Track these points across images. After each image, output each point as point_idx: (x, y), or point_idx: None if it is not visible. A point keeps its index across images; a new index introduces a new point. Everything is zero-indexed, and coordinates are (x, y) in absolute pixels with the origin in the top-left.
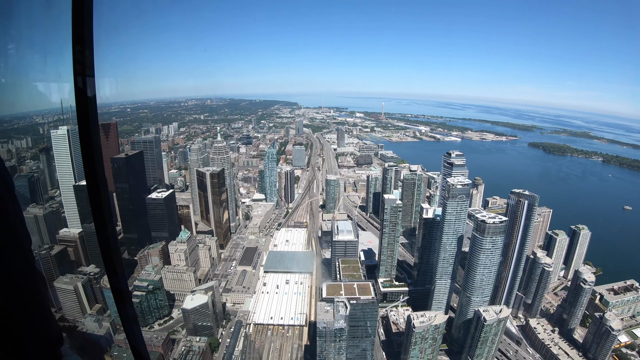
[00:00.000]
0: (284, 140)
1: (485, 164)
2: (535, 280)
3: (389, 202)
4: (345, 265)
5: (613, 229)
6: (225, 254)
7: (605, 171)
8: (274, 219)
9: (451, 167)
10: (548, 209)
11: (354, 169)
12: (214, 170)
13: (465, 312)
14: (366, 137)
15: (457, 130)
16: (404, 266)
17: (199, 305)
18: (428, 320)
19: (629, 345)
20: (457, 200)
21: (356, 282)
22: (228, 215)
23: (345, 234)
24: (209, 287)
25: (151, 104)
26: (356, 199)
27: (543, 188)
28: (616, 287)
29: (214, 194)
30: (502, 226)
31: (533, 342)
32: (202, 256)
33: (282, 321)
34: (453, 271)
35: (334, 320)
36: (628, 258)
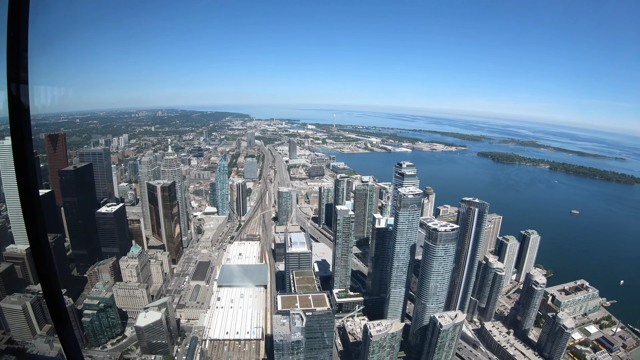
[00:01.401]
0: (235, 152)
1: (435, 173)
2: (489, 285)
3: (342, 213)
4: (300, 277)
5: (562, 233)
6: (177, 269)
7: (552, 178)
8: (227, 232)
9: (402, 178)
10: (498, 216)
11: (306, 180)
12: (165, 183)
13: (421, 319)
14: (318, 148)
15: (407, 141)
16: (358, 276)
17: (153, 323)
18: (384, 328)
19: (582, 342)
20: (409, 209)
21: (311, 294)
22: (180, 229)
23: (298, 246)
24: (162, 304)
25: (101, 114)
26: (309, 210)
27: (493, 195)
28: (567, 288)
29: (165, 208)
30: (454, 234)
31: (489, 345)
32: (154, 272)
33: (238, 336)
34: (407, 279)
35: (290, 333)
36: (577, 259)
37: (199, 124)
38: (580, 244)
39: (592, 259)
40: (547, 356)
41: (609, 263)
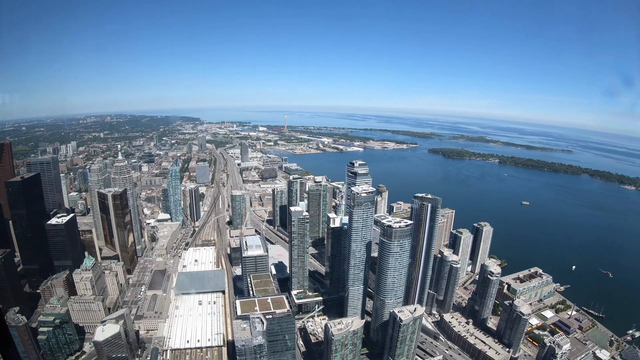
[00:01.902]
0: (187, 157)
1: (388, 171)
2: (445, 278)
3: (296, 214)
4: (257, 280)
5: (513, 223)
6: (133, 279)
7: (502, 171)
8: (181, 238)
9: (355, 176)
10: (451, 210)
11: (259, 183)
12: (116, 191)
13: (381, 315)
14: (270, 150)
15: (359, 141)
16: (316, 276)
17: (111, 336)
18: (345, 326)
19: (540, 327)
20: (363, 207)
21: (270, 297)
22: (133, 238)
23: (254, 249)
24: (119, 316)
25: (48, 121)
26: (263, 213)
27: (445, 191)
28: (522, 276)
29: (117, 217)
30: (408, 229)
31: (450, 335)
32: (109, 283)
33: (199, 344)
34: (364, 277)
35: (251, 337)
36: (530, 248)
37: (149, 129)
38: (531, 233)
39: (544, 247)
40: (507, 342)
41: (561, 250)
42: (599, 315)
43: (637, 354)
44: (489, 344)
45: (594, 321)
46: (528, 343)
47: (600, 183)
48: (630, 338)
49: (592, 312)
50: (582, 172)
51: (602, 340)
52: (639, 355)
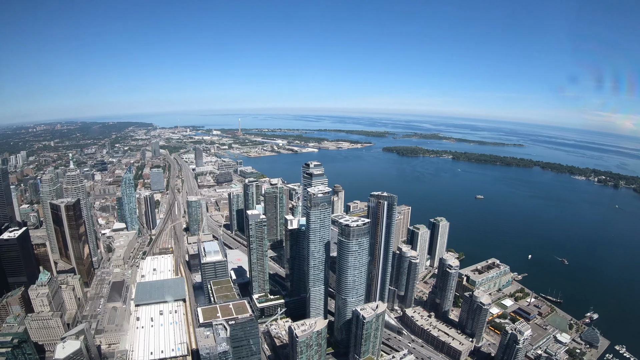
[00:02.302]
0: (140, 163)
1: (343, 171)
2: (405, 273)
3: (253, 217)
4: (218, 286)
5: (469, 217)
6: (91, 292)
7: (456, 167)
8: (138, 247)
9: (311, 177)
10: (407, 207)
11: (215, 187)
12: (69, 202)
13: (344, 314)
14: (224, 154)
15: (314, 141)
16: (277, 279)
17: (72, 353)
18: (309, 327)
19: (501, 315)
20: (320, 208)
21: (231, 302)
22: (89, 249)
23: (212, 255)
24: (79, 331)
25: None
26: (220, 218)
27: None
28: (480, 267)
29: (72, 228)
30: (366, 228)
31: (413, 330)
32: (66, 298)
33: (163, 355)
34: (325, 277)
35: (215, 344)
36: (486, 240)
37: (101, 136)
38: (487, 225)
39: (500, 238)
40: (470, 332)
41: (517, 240)
42: (557, 300)
43: (597, 335)
44: (453, 335)
45: (553, 307)
46: (490, 332)
47: (552, 175)
48: (589, 320)
49: (550, 298)
50: (533, 164)
51: (561, 324)
52: (598, 336)
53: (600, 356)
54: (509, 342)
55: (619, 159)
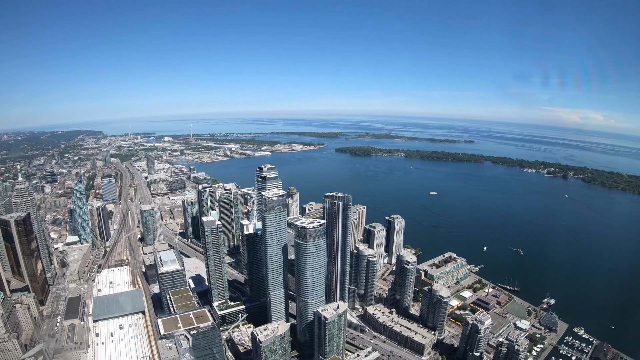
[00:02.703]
0: (91, 173)
1: (297, 173)
2: (363, 272)
3: (208, 224)
4: (177, 296)
5: (424, 213)
6: (47, 310)
7: (408, 165)
8: (93, 261)
9: (265, 181)
10: (362, 206)
11: (168, 195)
12: (19, 217)
13: (306, 316)
14: (177, 161)
15: (266, 145)
16: (236, 285)
17: None
18: (272, 332)
19: (461, 307)
20: (275, 211)
21: (191, 312)
22: (42, 265)
23: (169, 265)
24: (38, 352)
25: None
26: (175, 226)
27: (355, 188)
28: (437, 262)
29: (23, 244)
30: (322, 229)
31: (376, 327)
32: (22, 318)
33: None
34: (284, 280)
35: (178, 355)
36: (441, 235)
37: (50, 146)
38: (442, 220)
39: (456, 232)
40: (432, 326)
41: (471, 233)
42: (514, 289)
43: (555, 319)
44: (415, 330)
45: (511, 295)
46: (452, 324)
47: (503, 168)
48: (546, 305)
49: (508, 287)
50: (484, 159)
51: (520, 312)
52: (556, 320)
53: (560, 339)
54: (471, 333)
55: (566, 151)
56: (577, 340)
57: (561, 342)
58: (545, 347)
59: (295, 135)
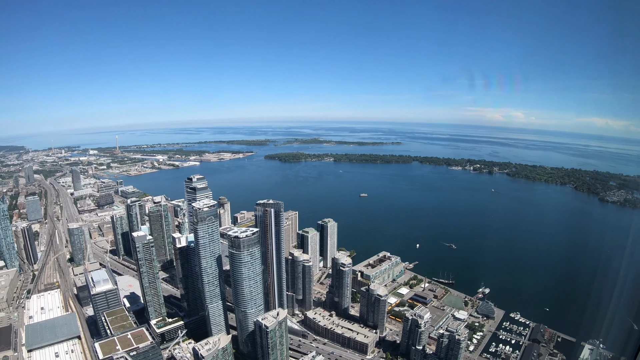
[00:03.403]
0: (14, 192)
1: (227, 182)
2: (300, 277)
3: (139, 239)
4: (112, 317)
5: (356, 215)
6: None
7: (338, 168)
8: (21, 286)
9: (194, 192)
10: (294, 212)
11: (96, 211)
12: None
13: (246, 326)
14: (104, 175)
15: (195, 155)
16: (172, 300)
17: None
18: (213, 345)
19: (399, 304)
20: (207, 222)
21: (129, 332)
22: None
23: (102, 285)
24: None
25: None
26: (105, 243)
27: (286, 194)
28: (372, 262)
29: None
30: (255, 237)
31: (317, 331)
32: None
33: None
34: (221, 291)
35: None
36: (374, 235)
37: None
38: (374, 221)
39: (388, 232)
40: (372, 325)
41: (404, 232)
42: (449, 282)
43: (491, 307)
44: (357, 330)
45: (447, 288)
46: (392, 321)
47: (430, 167)
48: (482, 295)
49: (443, 280)
50: (412, 160)
51: (457, 303)
52: (493, 308)
53: (498, 325)
54: (412, 327)
55: (491, 148)
56: (515, 325)
57: (499, 328)
58: (484, 334)
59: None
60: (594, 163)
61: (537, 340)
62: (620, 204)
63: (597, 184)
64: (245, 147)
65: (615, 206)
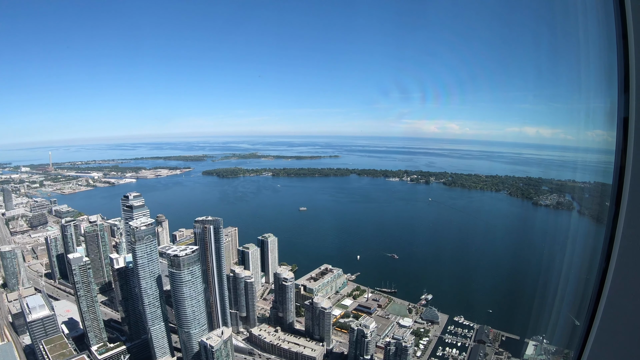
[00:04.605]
0: None
1: (165, 200)
2: (243, 294)
3: (75, 261)
4: (51, 345)
5: (296, 229)
6: None
7: (276, 183)
8: None
9: (131, 210)
10: (234, 228)
11: (29, 232)
12: None
13: (191, 347)
14: (36, 193)
15: (131, 171)
16: (113, 324)
17: None
18: None
19: (344, 315)
20: (145, 241)
21: None
22: None
23: (38, 311)
24: None
25: None
26: (39, 266)
27: (225, 210)
28: (314, 275)
29: None
30: (195, 255)
31: (264, 348)
32: None
33: None
34: (163, 313)
35: None
36: (315, 249)
37: None
38: (314, 234)
39: (328, 244)
40: (319, 338)
41: (344, 244)
42: (392, 291)
43: (435, 312)
44: (303, 344)
45: (390, 297)
46: (338, 333)
47: (368, 179)
48: (425, 301)
49: (386, 289)
50: (350, 172)
51: (401, 311)
52: (437, 313)
53: (443, 329)
54: (358, 338)
55: (427, 159)
56: (459, 328)
57: (444, 332)
58: (430, 339)
59: (160, 160)
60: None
61: (482, 341)
62: (553, 206)
63: (530, 189)
64: (183, 163)
65: (548, 209)
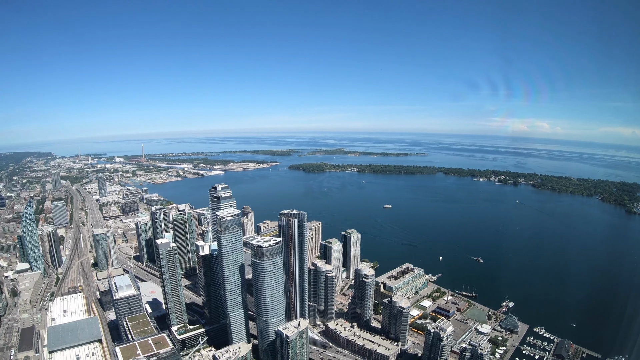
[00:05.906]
0: (41, 197)
1: (251, 192)
2: (322, 287)
3: (163, 246)
4: (134, 322)
5: (379, 226)
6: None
7: (361, 179)
8: (45, 289)
9: (219, 201)
10: (318, 222)
11: (121, 218)
12: None
13: (267, 336)
14: (129, 182)
15: (219, 164)
16: (194, 308)
17: None
18: (234, 354)
19: (422, 317)
20: (230, 231)
21: (150, 338)
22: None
23: (125, 290)
24: None
25: None
26: (129, 249)
27: (309, 204)
28: (395, 273)
29: None
30: (278, 247)
31: (338, 342)
32: None
33: None
34: (243, 300)
35: None
36: (397, 247)
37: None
38: (397, 233)
39: (411, 243)
40: (394, 337)
41: (427, 244)
42: (472, 295)
43: (515, 321)
44: (378, 342)
45: (470, 301)
46: (414, 334)
47: (454, 179)
48: (506, 309)
49: (466, 293)
50: (436, 171)
51: (480, 317)
52: (517, 322)
53: (522, 340)
54: (434, 341)
55: (516, 159)
56: (539, 340)
57: (523, 343)
58: (507, 349)
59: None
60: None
61: (561, 356)
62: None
63: (624, 195)
64: (270, 157)
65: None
